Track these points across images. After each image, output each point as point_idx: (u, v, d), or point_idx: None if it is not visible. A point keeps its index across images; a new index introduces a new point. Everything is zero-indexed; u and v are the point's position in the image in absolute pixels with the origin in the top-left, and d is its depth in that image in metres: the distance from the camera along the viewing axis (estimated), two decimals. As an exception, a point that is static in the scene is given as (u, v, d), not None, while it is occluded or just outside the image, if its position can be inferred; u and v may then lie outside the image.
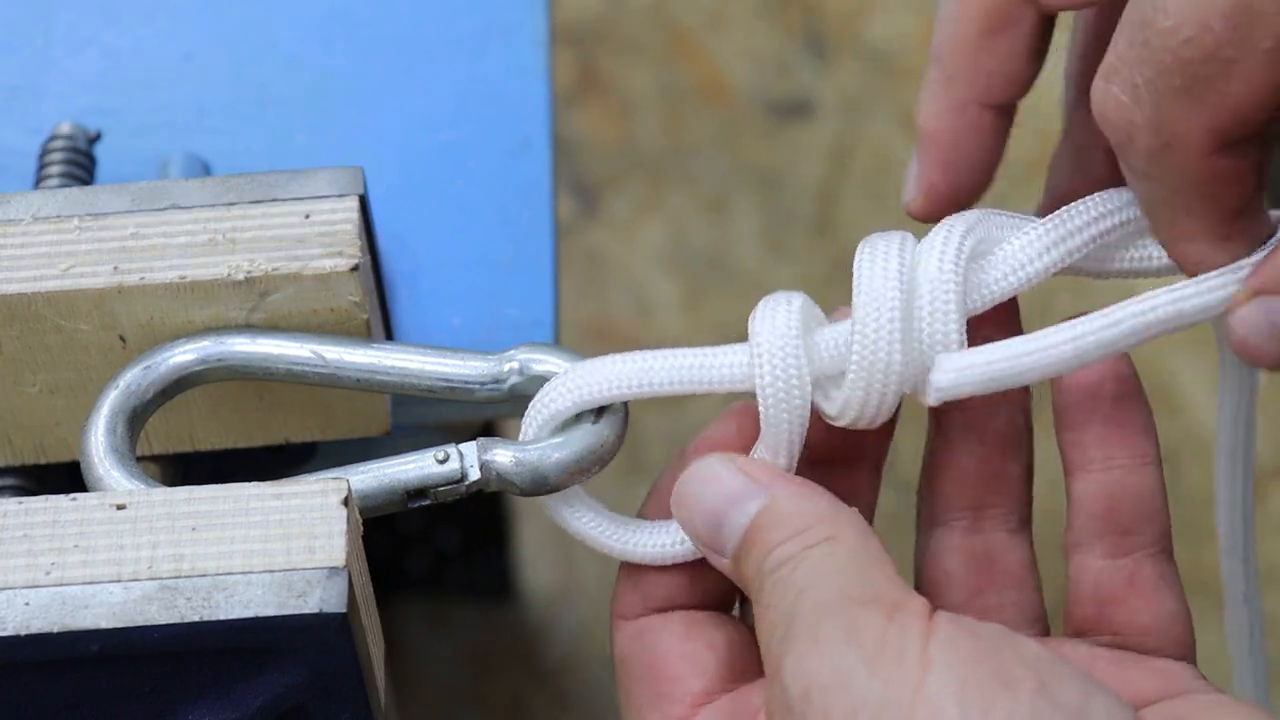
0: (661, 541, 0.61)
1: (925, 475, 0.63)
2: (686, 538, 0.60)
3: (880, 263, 0.59)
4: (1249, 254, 0.57)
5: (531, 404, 0.60)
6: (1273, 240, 0.57)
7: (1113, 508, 0.60)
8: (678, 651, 0.60)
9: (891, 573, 0.55)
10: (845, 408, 0.59)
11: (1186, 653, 0.60)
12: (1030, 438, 0.62)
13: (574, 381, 0.60)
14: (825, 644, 0.52)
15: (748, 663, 0.60)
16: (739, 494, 0.57)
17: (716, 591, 0.62)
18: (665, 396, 0.61)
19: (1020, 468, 0.62)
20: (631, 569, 0.62)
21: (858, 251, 0.59)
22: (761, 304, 0.60)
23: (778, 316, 0.59)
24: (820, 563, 0.55)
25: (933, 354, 0.58)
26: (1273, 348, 0.56)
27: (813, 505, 0.57)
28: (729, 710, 0.59)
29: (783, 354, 0.59)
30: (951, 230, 0.59)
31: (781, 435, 0.59)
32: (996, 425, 0.62)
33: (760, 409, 0.59)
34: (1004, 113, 0.63)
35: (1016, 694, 0.50)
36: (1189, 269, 0.58)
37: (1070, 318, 0.58)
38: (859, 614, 0.53)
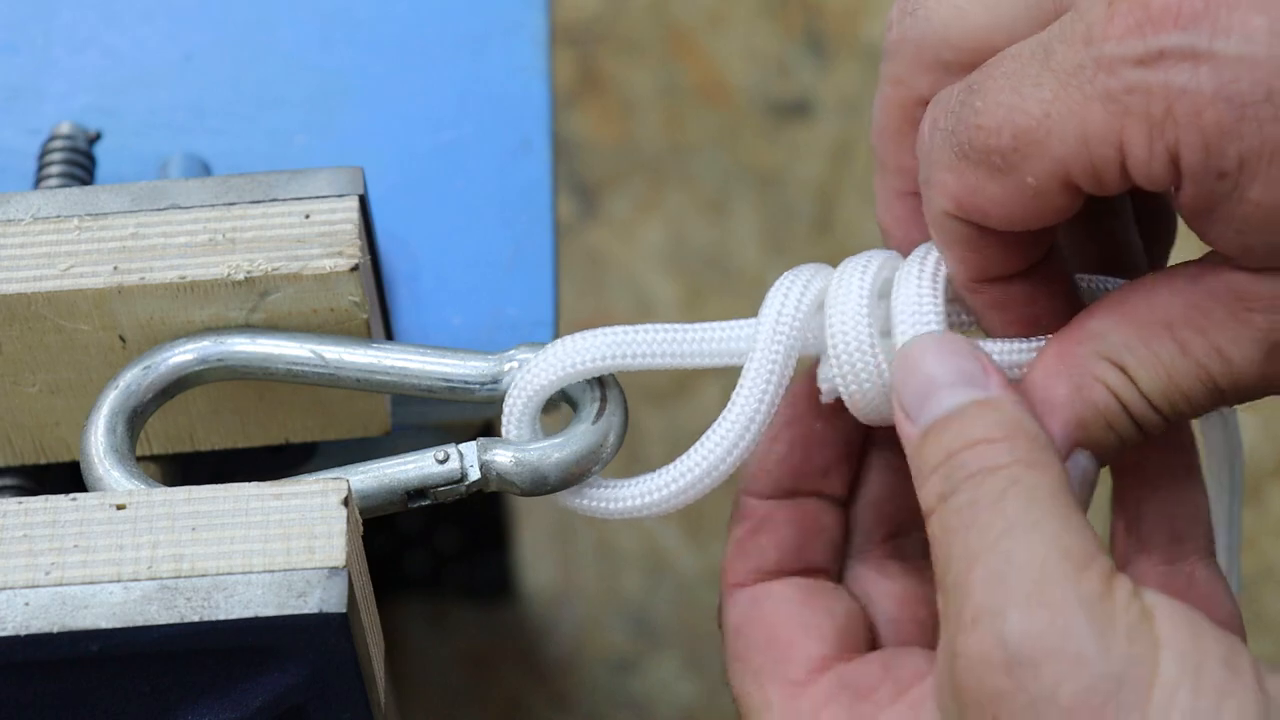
0: (656, 485, 0.61)
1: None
2: (679, 479, 0.60)
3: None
4: None
5: (511, 390, 0.60)
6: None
7: (1169, 515, 0.60)
8: (797, 618, 0.60)
9: (1085, 521, 0.53)
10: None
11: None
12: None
13: (554, 356, 0.60)
14: (1056, 609, 0.51)
15: (860, 634, 0.60)
16: (968, 376, 0.56)
17: (825, 558, 0.62)
18: (650, 369, 0.61)
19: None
20: (742, 538, 0.62)
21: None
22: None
23: (793, 288, 0.60)
24: (1029, 494, 0.53)
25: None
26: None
27: (1033, 424, 0.55)
28: (843, 681, 0.58)
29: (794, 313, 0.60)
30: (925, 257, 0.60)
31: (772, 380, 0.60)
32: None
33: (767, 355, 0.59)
34: None
35: (1244, 686, 0.50)
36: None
37: None
38: (1082, 578, 0.51)
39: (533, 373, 0.60)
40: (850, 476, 0.64)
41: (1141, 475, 0.60)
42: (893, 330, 0.59)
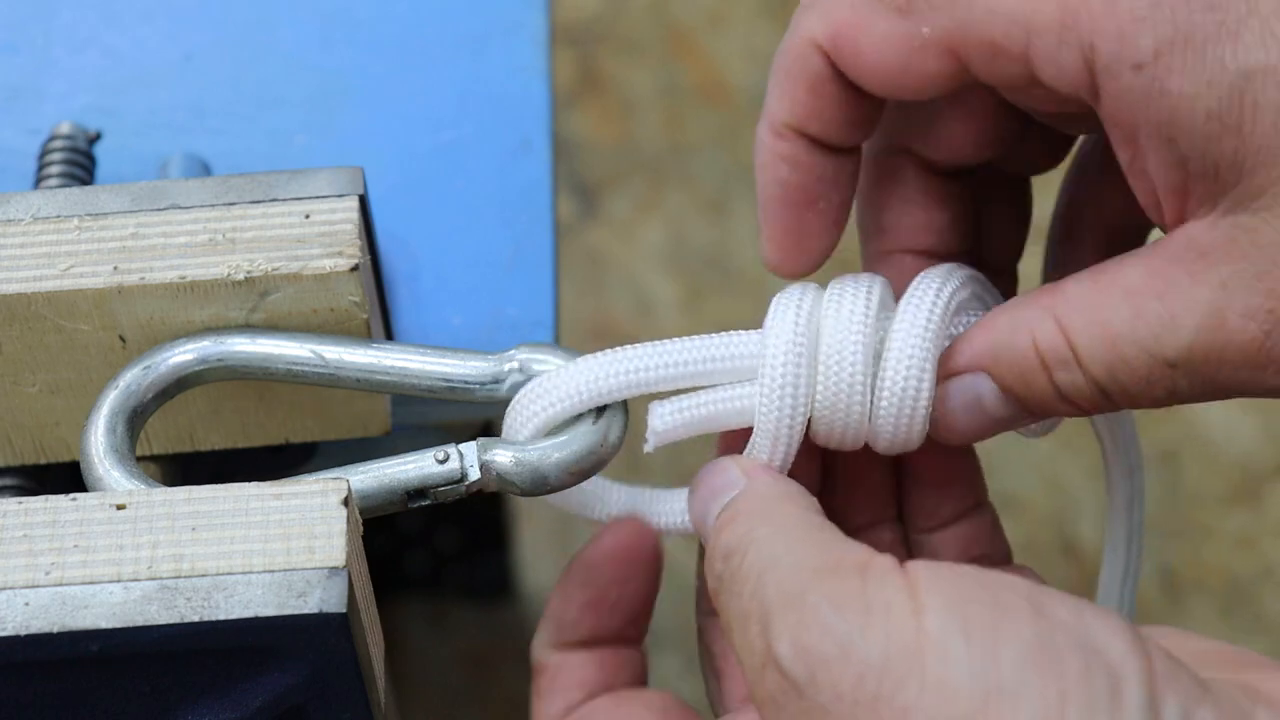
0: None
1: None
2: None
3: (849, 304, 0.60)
4: None
5: (520, 400, 0.60)
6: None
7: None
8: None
9: (842, 536, 0.54)
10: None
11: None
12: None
13: (570, 383, 0.60)
14: (813, 619, 0.51)
15: (681, 710, 0.62)
16: (722, 485, 0.58)
17: (630, 675, 0.64)
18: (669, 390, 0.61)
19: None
20: (543, 687, 0.63)
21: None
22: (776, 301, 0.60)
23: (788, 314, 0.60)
24: (768, 544, 0.54)
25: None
26: (969, 424, 0.58)
27: (769, 482, 0.57)
28: None
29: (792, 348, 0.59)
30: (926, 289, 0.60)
31: (783, 428, 0.59)
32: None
33: (764, 398, 0.59)
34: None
35: (1017, 617, 0.50)
36: None
37: None
38: (832, 582, 0.52)
39: (556, 390, 0.60)
40: (649, 620, 0.65)
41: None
42: (885, 366, 0.59)
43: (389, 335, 0.66)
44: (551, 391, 0.60)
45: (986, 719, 0.49)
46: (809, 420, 0.59)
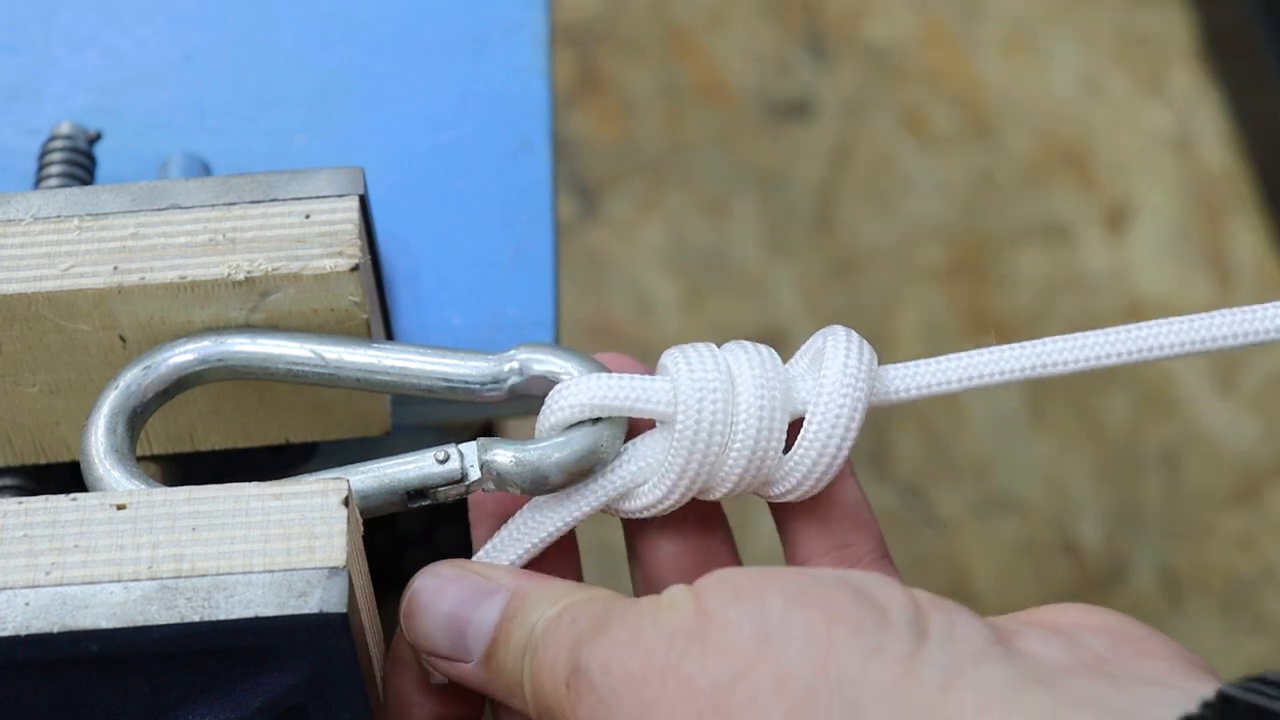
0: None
1: None
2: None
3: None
4: None
5: (549, 399, 0.60)
6: None
7: (828, 520, 0.62)
8: None
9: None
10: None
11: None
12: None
13: (596, 390, 0.60)
14: (607, 630, 0.54)
15: None
16: (479, 593, 0.58)
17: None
18: None
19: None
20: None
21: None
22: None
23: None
24: (581, 610, 0.56)
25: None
26: None
27: (560, 583, 0.58)
28: None
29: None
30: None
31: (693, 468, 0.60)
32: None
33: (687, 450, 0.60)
34: None
35: (783, 575, 0.53)
36: None
37: None
38: (631, 605, 0.55)
39: (567, 400, 0.60)
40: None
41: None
42: (813, 414, 0.60)
43: (389, 335, 0.66)
44: (576, 394, 0.60)
45: (760, 663, 0.52)
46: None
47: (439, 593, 0.58)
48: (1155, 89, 1.58)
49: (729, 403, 0.59)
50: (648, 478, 0.60)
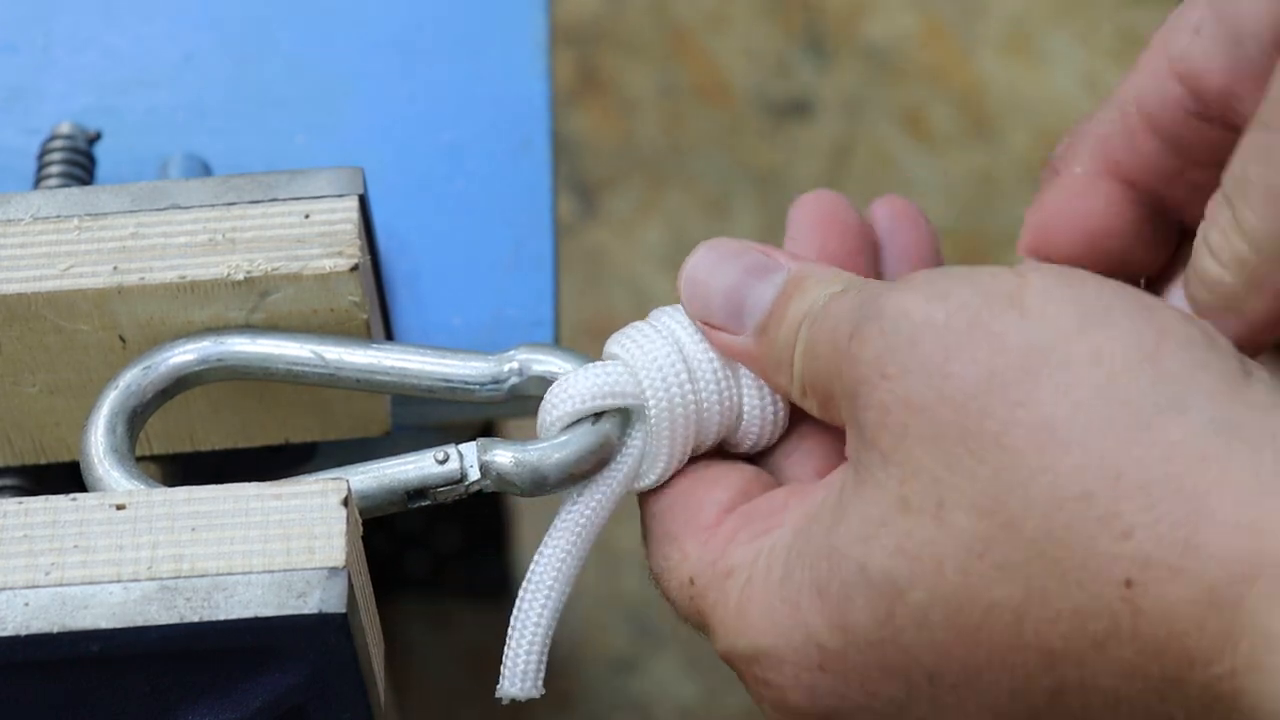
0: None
1: None
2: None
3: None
4: None
5: (545, 398, 0.60)
6: None
7: None
8: (705, 477, 0.60)
9: None
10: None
11: None
12: None
13: (594, 383, 0.60)
14: (916, 284, 0.53)
15: (764, 482, 0.60)
16: (761, 266, 0.58)
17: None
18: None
19: None
20: None
21: None
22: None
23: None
24: (866, 290, 0.55)
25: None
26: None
27: (842, 271, 0.58)
28: (750, 512, 0.58)
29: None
30: None
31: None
32: None
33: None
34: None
35: (1112, 283, 0.52)
36: None
37: None
38: (938, 269, 0.54)
39: (563, 397, 0.60)
40: None
41: None
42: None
43: (389, 335, 0.66)
44: (571, 391, 0.60)
45: (1081, 337, 0.51)
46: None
47: (720, 264, 0.59)
48: (1155, 89, 1.58)
49: (689, 375, 0.59)
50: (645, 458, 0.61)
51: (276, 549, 0.55)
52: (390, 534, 1.20)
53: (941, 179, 1.52)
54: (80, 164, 0.69)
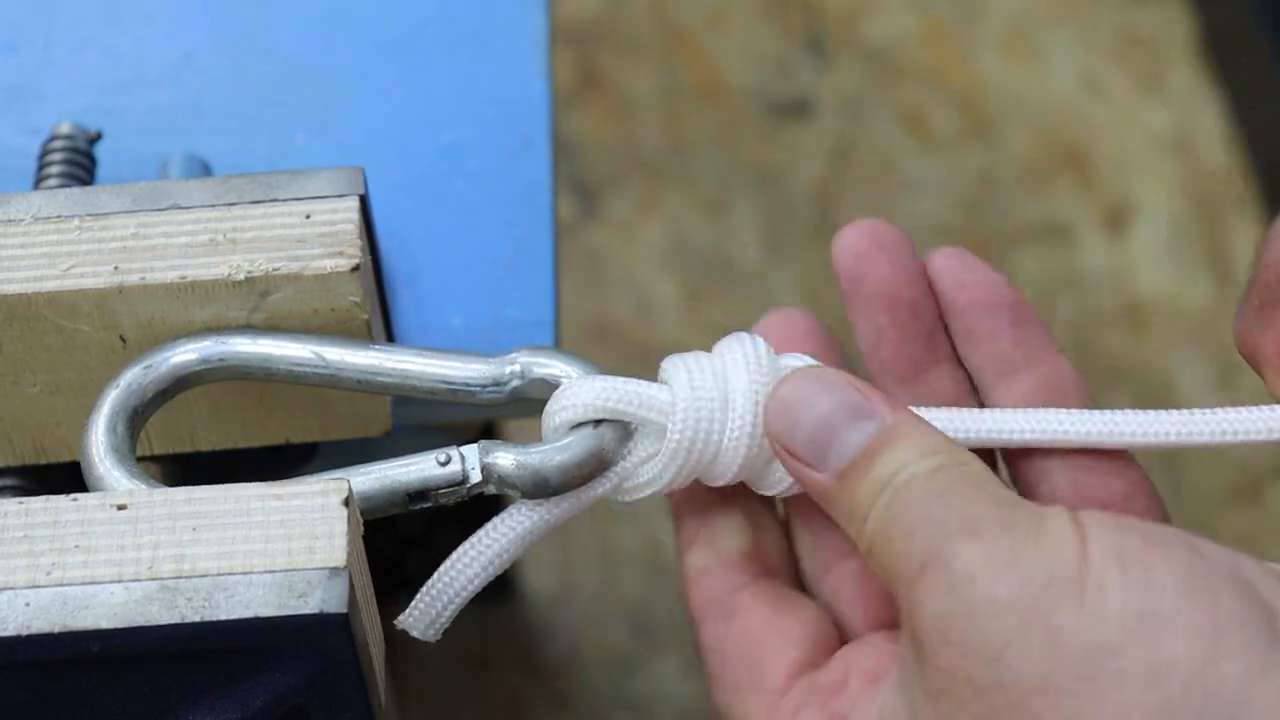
0: None
1: None
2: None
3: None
4: None
5: (551, 401, 0.60)
6: None
7: (1056, 390, 0.62)
8: (770, 626, 0.60)
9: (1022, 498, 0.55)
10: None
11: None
12: None
13: (597, 393, 0.60)
14: (985, 535, 0.52)
15: (830, 635, 0.60)
16: (858, 409, 0.57)
17: (778, 554, 0.62)
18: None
19: None
20: (690, 529, 0.62)
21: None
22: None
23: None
24: (955, 479, 0.54)
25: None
26: None
27: (938, 435, 0.57)
28: (815, 683, 0.58)
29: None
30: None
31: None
32: None
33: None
34: None
35: (1172, 552, 0.51)
36: None
37: None
38: (1011, 513, 0.53)
39: (566, 402, 0.60)
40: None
41: (1015, 370, 0.63)
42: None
43: (390, 335, 0.66)
44: (576, 397, 0.60)
45: (1139, 643, 0.50)
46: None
47: (817, 395, 0.57)
48: (1155, 89, 1.58)
49: (723, 413, 0.59)
50: (641, 468, 0.61)
51: (277, 549, 0.55)
52: (391, 535, 1.20)
53: (941, 179, 1.52)
54: (80, 164, 0.69)
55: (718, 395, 0.59)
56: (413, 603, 0.61)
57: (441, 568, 0.61)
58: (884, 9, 1.57)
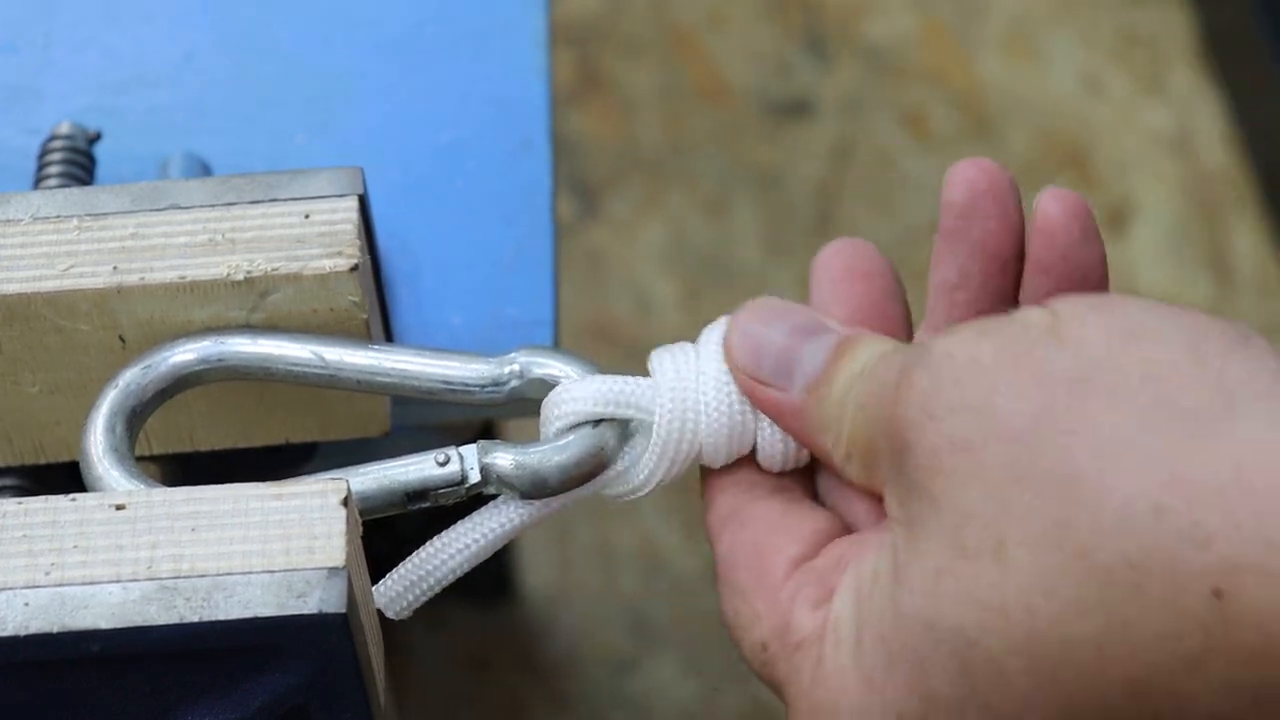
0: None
1: None
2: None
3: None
4: None
5: (547, 401, 0.60)
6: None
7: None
8: (778, 529, 0.59)
9: None
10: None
11: None
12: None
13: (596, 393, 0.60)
14: (958, 330, 0.53)
15: (834, 535, 0.60)
16: (814, 327, 0.58)
17: (795, 477, 0.62)
18: None
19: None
20: (714, 483, 0.62)
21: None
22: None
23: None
24: (965, 331, 0.54)
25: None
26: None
27: (892, 340, 0.57)
28: (811, 571, 0.58)
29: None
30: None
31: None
32: None
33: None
34: None
35: (1137, 299, 0.52)
36: None
37: None
38: (981, 319, 0.54)
39: (578, 399, 0.60)
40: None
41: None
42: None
43: (389, 335, 0.66)
44: (570, 398, 0.60)
45: (1126, 352, 0.50)
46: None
47: (772, 322, 0.58)
48: (1155, 89, 1.58)
49: (699, 396, 0.59)
50: (637, 464, 0.61)
51: (276, 549, 0.55)
52: (390, 535, 1.20)
53: (941, 179, 1.52)
54: (80, 164, 0.69)
55: (694, 382, 0.59)
56: (385, 578, 0.60)
57: (422, 551, 0.60)
58: (884, 9, 1.57)
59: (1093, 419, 0.50)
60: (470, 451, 0.59)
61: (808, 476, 0.62)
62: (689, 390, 0.59)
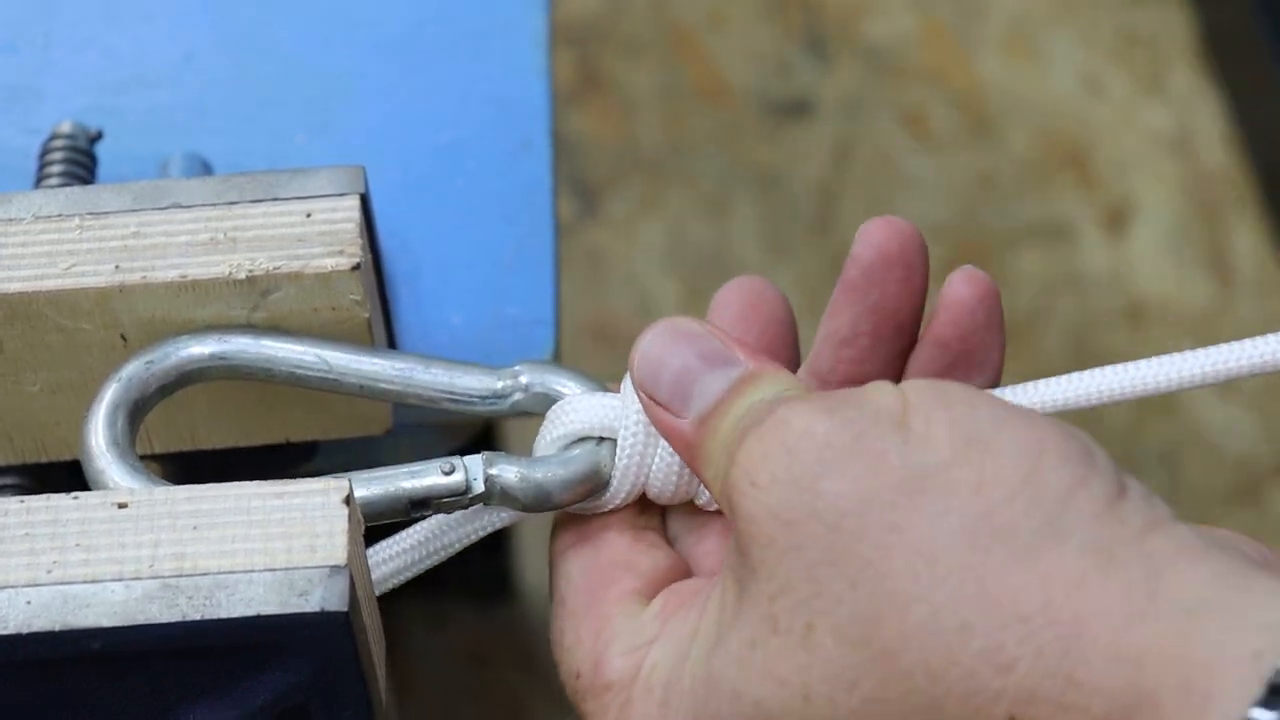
0: None
1: None
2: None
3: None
4: None
5: (549, 416, 0.61)
6: None
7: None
8: (621, 559, 0.59)
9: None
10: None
11: None
12: None
13: (584, 414, 0.60)
14: (810, 398, 0.53)
15: (675, 571, 0.59)
16: (718, 356, 0.56)
17: (650, 514, 0.61)
18: None
19: None
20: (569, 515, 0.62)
21: None
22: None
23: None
24: (811, 401, 0.54)
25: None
26: None
27: (796, 379, 0.56)
28: (644, 615, 0.58)
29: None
30: None
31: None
32: None
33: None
34: None
35: (989, 397, 0.52)
36: None
37: None
38: (834, 392, 0.54)
39: (575, 418, 0.60)
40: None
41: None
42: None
43: (390, 333, 0.66)
44: (569, 415, 0.60)
45: (964, 462, 0.50)
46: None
47: (676, 344, 0.57)
48: (1155, 89, 1.58)
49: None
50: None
51: (278, 547, 0.55)
52: (390, 534, 1.20)
53: (941, 179, 1.52)
54: (81, 163, 0.69)
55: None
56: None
57: (390, 540, 0.61)
58: (884, 9, 1.57)
59: (916, 524, 0.49)
60: (475, 462, 0.59)
61: (661, 515, 0.62)
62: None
